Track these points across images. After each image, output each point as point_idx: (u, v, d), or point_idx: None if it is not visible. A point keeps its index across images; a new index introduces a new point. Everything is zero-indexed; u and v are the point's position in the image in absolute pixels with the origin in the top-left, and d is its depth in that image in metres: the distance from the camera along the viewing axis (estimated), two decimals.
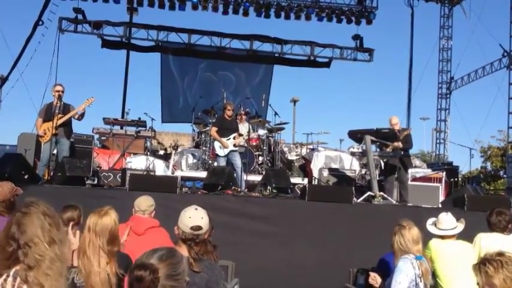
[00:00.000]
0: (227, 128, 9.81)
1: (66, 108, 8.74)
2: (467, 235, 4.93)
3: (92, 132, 12.36)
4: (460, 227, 4.81)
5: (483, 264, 2.74)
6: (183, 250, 3.08)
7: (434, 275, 4.55)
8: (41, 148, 8.93)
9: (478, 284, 2.76)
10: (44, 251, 2.01)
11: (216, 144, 9.83)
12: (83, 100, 8.81)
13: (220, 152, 9.68)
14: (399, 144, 8.87)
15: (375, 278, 4.43)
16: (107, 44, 16.60)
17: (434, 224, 4.84)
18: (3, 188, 4.42)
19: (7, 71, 14.20)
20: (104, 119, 12.78)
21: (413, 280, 3.88)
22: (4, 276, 1.98)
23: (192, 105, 13.65)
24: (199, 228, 3.17)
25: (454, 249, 4.69)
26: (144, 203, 4.58)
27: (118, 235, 3.59)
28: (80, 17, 15.87)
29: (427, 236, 4.44)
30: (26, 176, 7.66)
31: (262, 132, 11.72)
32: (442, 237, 4.75)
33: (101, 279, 3.34)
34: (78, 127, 9.25)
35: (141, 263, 2.02)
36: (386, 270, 4.43)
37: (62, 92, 8.75)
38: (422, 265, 3.98)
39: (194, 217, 3.19)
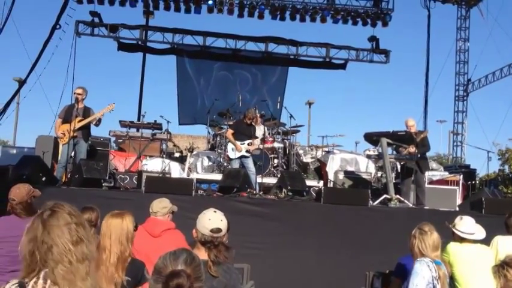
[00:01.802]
0: (243, 133, 9.80)
1: (86, 112, 8.76)
2: (484, 239, 4.87)
3: (109, 134, 12.49)
4: (480, 234, 4.71)
5: (502, 268, 2.72)
6: (202, 253, 3.08)
7: (452, 278, 4.50)
8: (59, 150, 8.99)
9: (496, 287, 2.73)
10: (70, 252, 2.01)
11: (229, 146, 9.84)
12: (101, 104, 8.89)
13: (232, 154, 9.68)
14: (414, 150, 8.82)
15: None
16: (123, 47, 16.74)
17: (455, 225, 4.75)
18: (20, 189, 4.47)
19: (25, 74, 14.36)
20: (120, 121, 12.86)
21: (430, 282, 3.84)
22: (34, 279, 1.99)
23: (208, 107, 13.70)
24: (219, 230, 3.17)
25: (472, 252, 4.63)
26: (157, 204, 4.58)
27: (130, 238, 3.60)
28: (96, 20, 16.03)
29: (444, 240, 4.39)
30: (43, 178, 7.75)
31: (277, 145, 11.68)
32: (461, 241, 4.68)
33: (108, 279, 3.36)
34: (95, 130, 9.32)
35: (174, 271, 2.04)
36: (404, 274, 4.39)
37: (79, 94, 8.77)
38: (440, 269, 3.94)
39: (214, 219, 3.18)
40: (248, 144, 9.70)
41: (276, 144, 11.65)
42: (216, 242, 3.15)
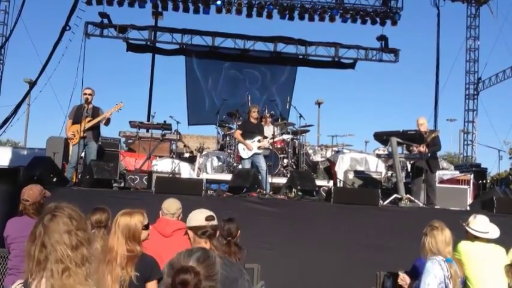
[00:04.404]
0: (252, 131, 9.82)
1: (95, 112, 8.82)
2: (497, 238, 4.83)
3: (119, 135, 12.56)
4: (494, 233, 4.67)
5: None
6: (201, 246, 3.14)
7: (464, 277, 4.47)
8: (70, 150, 9.05)
9: (509, 285, 2.72)
10: (68, 257, 2.02)
11: (240, 147, 9.85)
12: (110, 105, 8.94)
13: (244, 154, 9.69)
14: (424, 149, 8.78)
15: (403, 279, 4.38)
16: (132, 47, 16.80)
17: (469, 223, 4.71)
18: (33, 190, 4.51)
19: (35, 75, 14.46)
20: (130, 122, 12.93)
21: (442, 282, 3.82)
22: (38, 278, 2.00)
23: (218, 106, 13.74)
24: (213, 217, 3.40)
25: (484, 251, 4.59)
26: (174, 205, 4.59)
27: (138, 236, 3.61)
28: (105, 21, 16.12)
29: (455, 239, 4.37)
30: (54, 179, 7.79)
31: (286, 137, 11.62)
32: (473, 239, 4.64)
33: (114, 278, 3.38)
34: (105, 131, 9.38)
35: (182, 267, 2.03)
36: (419, 275, 4.37)
37: (90, 95, 8.85)
38: (452, 267, 3.92)
39: (203, 211, 3.42)
40: (258, 141, 9.71)
41: (285, 136, 11.55)
42: (213, 230, 3.36)
